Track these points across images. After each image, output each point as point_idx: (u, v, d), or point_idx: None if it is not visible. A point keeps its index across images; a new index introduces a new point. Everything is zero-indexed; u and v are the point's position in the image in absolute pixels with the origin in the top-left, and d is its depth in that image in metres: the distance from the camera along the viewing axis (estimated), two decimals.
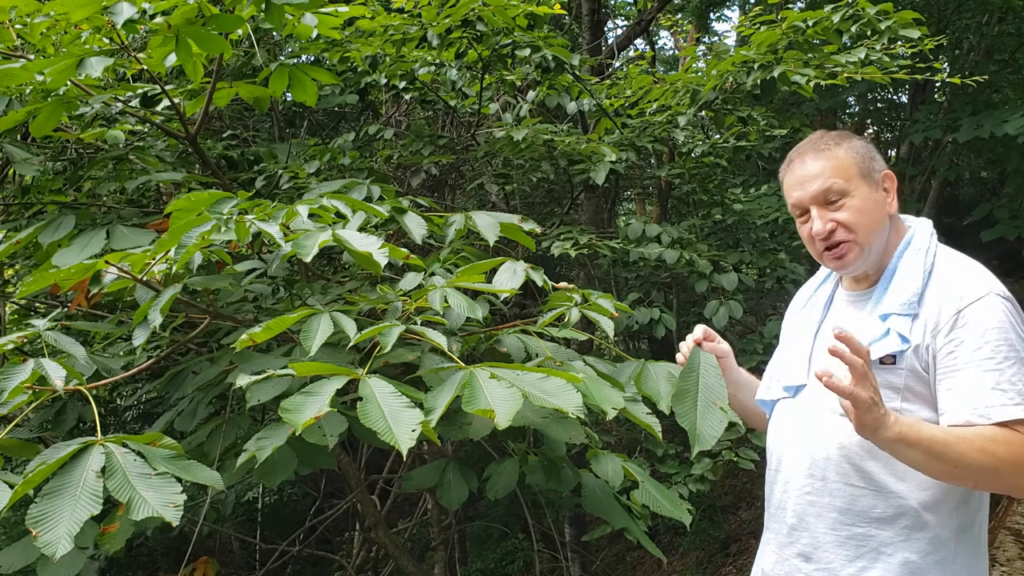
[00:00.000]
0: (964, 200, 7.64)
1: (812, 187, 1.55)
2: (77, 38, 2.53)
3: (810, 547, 1.55)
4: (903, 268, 1.53)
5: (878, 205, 1.55)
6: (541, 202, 5.23)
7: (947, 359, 1.42)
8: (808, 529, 1.56)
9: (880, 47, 3.26)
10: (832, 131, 1.63)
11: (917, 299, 1.48)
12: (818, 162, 1.56)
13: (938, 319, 1.44)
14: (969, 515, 1.48)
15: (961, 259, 1.54)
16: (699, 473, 3.97)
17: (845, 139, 1.58)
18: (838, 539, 1.51)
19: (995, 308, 1.41)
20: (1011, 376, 1.37)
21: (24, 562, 1.77)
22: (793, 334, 1.74)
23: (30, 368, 1.62)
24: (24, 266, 3.76)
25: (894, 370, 1.46)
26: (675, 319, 4.09)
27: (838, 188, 1.53)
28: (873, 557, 1.47)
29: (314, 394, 1.43)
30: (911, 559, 1.45)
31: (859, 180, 1.54)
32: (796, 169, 1.59)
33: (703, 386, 1.56)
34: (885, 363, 1.47)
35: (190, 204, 1.91)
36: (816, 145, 1.58)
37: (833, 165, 1.54)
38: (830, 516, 1.52)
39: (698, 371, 1.58)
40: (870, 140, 1.64)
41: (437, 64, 3.81)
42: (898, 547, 1.46)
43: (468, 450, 3.60)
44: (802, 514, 1.57)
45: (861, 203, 1.53)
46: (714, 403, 1.53)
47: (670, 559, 5.78)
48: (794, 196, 1.59)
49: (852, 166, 1.54)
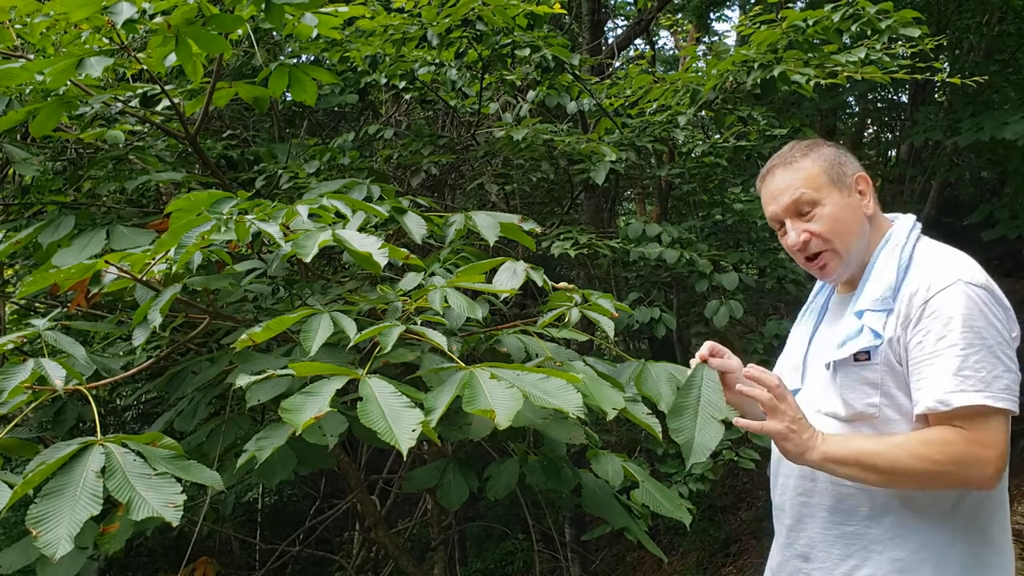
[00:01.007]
0: (964, 200, 7.64)
1: (783, 200, 1.56)
2: (77, 38, 2.53)
3: (807, 547, 1.57)
4: (878, 265, 1.54)
5: (852, 210, 1.56)
6: (541, 202, 5.22)
7: (915, 350, 1.42)
8: (804, 529, 1.58)
9: (880, 47, 3.26)
10: (802, 141, 1.65)
11: (891, 294, 1.48)
12: (787, 175, 1.57)
13: (908, 311, 1.45)
14: (970, 516, 1.47)
15: (940, 250, 1.53)
16: (699, 472, 3.97)
17: (814, 148, 1.60)
18: (829, 538, 1.53)
19: (960, 296, 1.40)
20: (974, 363, 1.37)
21: (24, 562, 1.77)
22: (791, 341, 1.77)
23: (30, 368, 1.62)
24: (24, 266, 3.76)
25: (870, 366, 1.47)
26: (675, 319, 4.09)
27: (808, 199, 1.54)
28: (864, 555, 1.48)
29: (314, 394, 1.43)
30: (901, 556, 1.45)
31: (829, 187, 1.55)
32: (768, 183, 1.61)
33: (705, 401, 1.55)
34: (860, 359, 1.48)
35: (190, 204, 1.91)
36: (784, 158, 1.60)
37: (801, 176, 1.56)
38: (821, 516, 1.54)
39: (700, 387, 1.58)
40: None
41: (437, 64, 3.81)
42: (887, 544, 1.47)
43: (468, 450, 3.60)
44: (798, 515, 1.59)
45: (833, 210, 1.54)
46: (714, 417, 1.53)
47: (670, 559, 5.78)
48: (769, 210, 1.61)
49: (820, 175, 1.55)
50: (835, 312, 1.66)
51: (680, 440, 1.52)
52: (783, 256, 4.68)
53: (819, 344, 1.65)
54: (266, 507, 5.73)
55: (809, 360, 1.65)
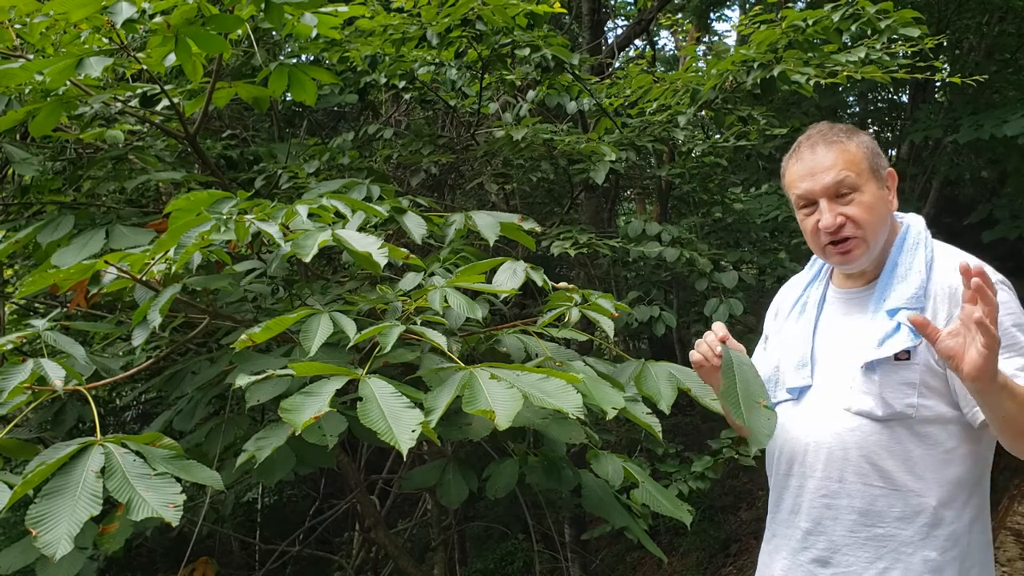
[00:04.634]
0: (964, 200, 7.64)
1: (825, 179, 1.50)
2: (76, 38, 2.52)
3: (827, 551, 1.52)
4: (904, 262, 1.51)
5: (884, 203, 1.53)
6: (541, 202, 5.22)
7: None
8: (825, 533, 1.52)
9: (880, 46, 3.26)
10: (838, 124, 1.60)
11: (923, 292, 1.47)
12: (831, 153, 1.51)
13: (950, 310, 1.43)
14: (978, 506, 1.48)
15: (955, 250, 1.54)
16: (699, 471, 3.96)
17: (855, 133, 1.55)
18: (858, 541, 1.48)
19: (1003, 295, 1.40)
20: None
21: (24, 562, 1.77)
22: (787, 336, 1.70)
23: (29, 368, 1.62)
24: (24, 266, 3.76)
25: (909, 366, 1.44)
26: (675, 318, 4.09)
27: (850, 182, 1.49)
28: (894, 558, 1.45)
29: (314, 394, 1.43)
30: (931, 557, 1.43)
31: (869, 176, 1.51)
32: (806, 159, 1.54)
33: (741, 384, 1.49)
34: (900, 359, 1.45)
35: (189, 204, 1.91)
36: (827, 136, 1.54)
37: (846, 158, 1.50)
38: (849, 518, 1.49)
39: (734, 369, 1.51)
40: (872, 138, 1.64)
41: (437, 64, 3.80)
42: (918, 546, 1.44)
43: (468, 450, 3.60)
44: (818, 518, 1.53)
45: (870, 199, 1.50)
46: (756, 401, 1.47)
47: (670, 559, 5.78)
48: (802, 187, 1.53)
49: (863, 160, 1.51)
50: (841, 308, 1.62)
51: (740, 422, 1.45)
52: (783, 255, 4.69)
53: (830, 340, 1.60)
54: (266, 507, 5.73)
55: (819, 356, 1.60)
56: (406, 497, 5.48)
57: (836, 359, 1.56)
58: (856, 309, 1.58)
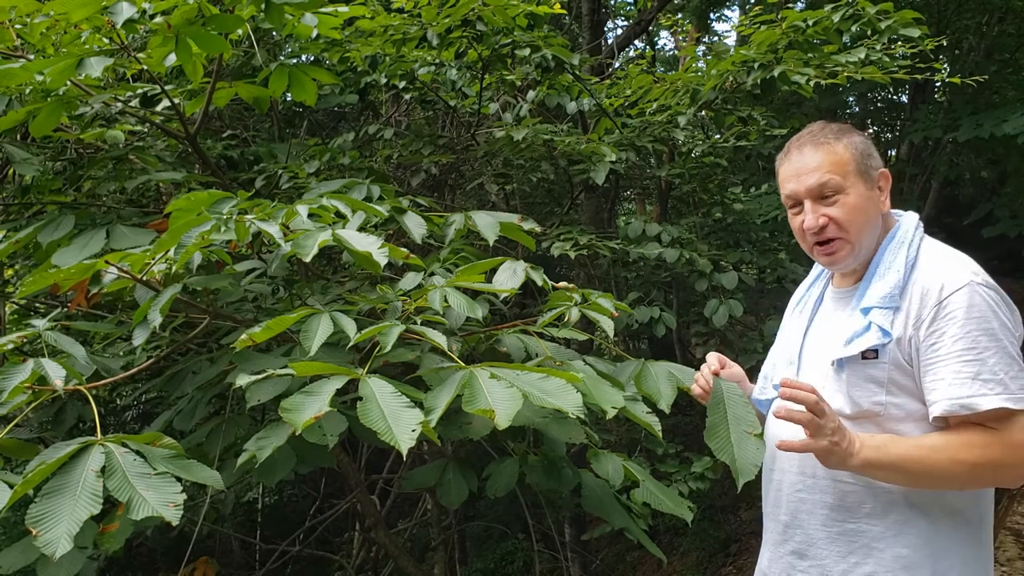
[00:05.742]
0: (964, 200, 7.65)
1: (808, 180, 1.53)
2: (77, 38, 2.53)
3: (804, 544, 1.55)
4: (885, 261, 1.52)
5: (872, 203, 1.54)
6: (541, 202, 5.22)
7: (929, 351, 1.42)
8: (801, 526, 1.56)
9: (880, 47, 3.26)
10: (833, 124, 1.61)
11: (899, 292, 1.47)
12: (817, 155, 1.53)
13: (920, 311, 1.44)
14: (964, 507, 1.48)
15: (944, 250, 1.53)
16: (699, 471, 3.97)
17: (845, 134, 1.56)
18: (830, 535, 1.51)
19: (975, 297, 1.40)
20: (992, 366, 1.37)
21: (24, 562, 1.77)
22: (786, 334, 1.74)
23: (30, 368, 1.62)
24: (24, 266, 3.76)
25: (877, 364, 1.46)
26: (675, 318, 4.09)
27: (834, 184, 1.51)
28: (865, 552, 1.47)
29: (314, 394, 1.44)
30: (902, 553, 1.45)
31: (855, 177, 1.52)
32: (794, 160, 1.57)
33: (732, 418, 1.55)
34: (867, 357, 1.47)
35: (190, 204, 1.91)
36: (816, 137, 1.56)
37: (831, 160, 1.52)
38: (821, 513, 1.53)
39: (724, 402, 1.57)
40: (870, 138, 1.64)
41: (437, 64, 3.81)
42: (889, 542, 1.46)
43: (468, 450, 3.60)
44: (795, 511, 1.57)
45: (855, 201, 1.51)
46: (747, 433, 1.52)
47: (670, 559, 5.78)
48: (788, 187, 1.57)
49: (850, 162, 1.52)
50: (832, 306, 1.64)
51: (725, 460, 1.52)
52: (783, 256, 4.69)
53: (816, 338, 1.63)
54: (266, 507, 5.73)
55: (805, 354, 1.63)
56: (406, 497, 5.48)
57: (818, 357, 1.59)
58: (843, 307, 1.59)
